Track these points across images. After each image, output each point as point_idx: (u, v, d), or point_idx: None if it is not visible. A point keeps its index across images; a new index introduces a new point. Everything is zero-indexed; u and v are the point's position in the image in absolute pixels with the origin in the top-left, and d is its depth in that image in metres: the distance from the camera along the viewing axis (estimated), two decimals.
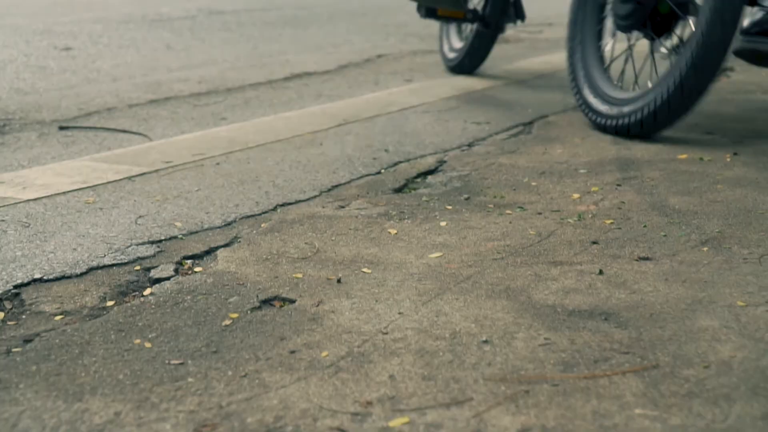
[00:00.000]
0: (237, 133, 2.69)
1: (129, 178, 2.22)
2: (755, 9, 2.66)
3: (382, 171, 2.29)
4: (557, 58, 3.97)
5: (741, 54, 2.61)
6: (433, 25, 4.94)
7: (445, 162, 2.37)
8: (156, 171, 2.27)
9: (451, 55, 3.97)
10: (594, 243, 1.74)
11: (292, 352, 1.26)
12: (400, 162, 2.38)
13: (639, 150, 2.47)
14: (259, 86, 3.80)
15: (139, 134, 2.90)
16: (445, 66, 4.07)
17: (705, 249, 1.70)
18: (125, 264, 1.64)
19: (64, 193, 2.08)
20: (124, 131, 2.94)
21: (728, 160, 2.36)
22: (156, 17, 5.65)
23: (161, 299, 1.48)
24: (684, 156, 2.40)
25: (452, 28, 4.12)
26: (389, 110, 3.04)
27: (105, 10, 5.93)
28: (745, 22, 2.63)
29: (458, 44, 3.98)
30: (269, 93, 3.68)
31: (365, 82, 3.95)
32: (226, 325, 1.36)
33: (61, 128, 2.95)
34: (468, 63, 3.86)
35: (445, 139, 2.60)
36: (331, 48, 4.85)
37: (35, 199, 2.02)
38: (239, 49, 4.69)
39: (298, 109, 3.24)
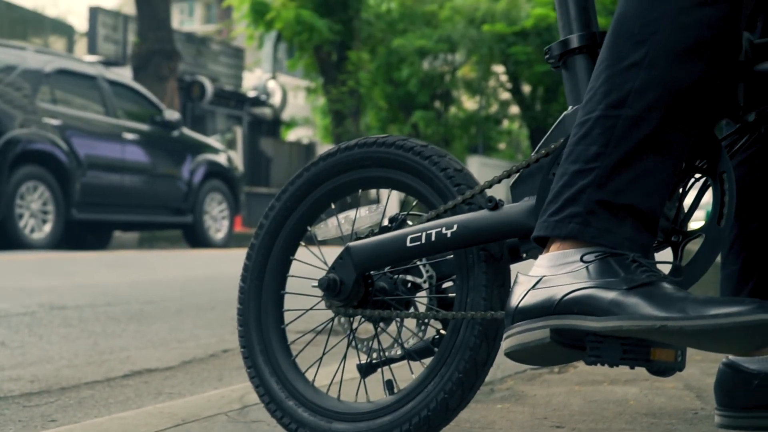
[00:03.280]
0: None
1: None
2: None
3: None
4: None
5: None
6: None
7: None
8: None
9: None
10: None
11: None
12: None
13: None
14: (95, 385, 3.62)
15: None
16: None
17: None
18: None
19: None
20: None
21: None
22: None
23: None
24: None
25: None
26: (231, 408, 2.90)
27: None
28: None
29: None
30: (106, 392, 3.50)
31: (208, 378, 3.82)
32: None
33: None
34: None
35: None
36: (176, 343, 4.73)
37: None
38: (78, 346, 4.52)
39: (135, 408, 3.07)
